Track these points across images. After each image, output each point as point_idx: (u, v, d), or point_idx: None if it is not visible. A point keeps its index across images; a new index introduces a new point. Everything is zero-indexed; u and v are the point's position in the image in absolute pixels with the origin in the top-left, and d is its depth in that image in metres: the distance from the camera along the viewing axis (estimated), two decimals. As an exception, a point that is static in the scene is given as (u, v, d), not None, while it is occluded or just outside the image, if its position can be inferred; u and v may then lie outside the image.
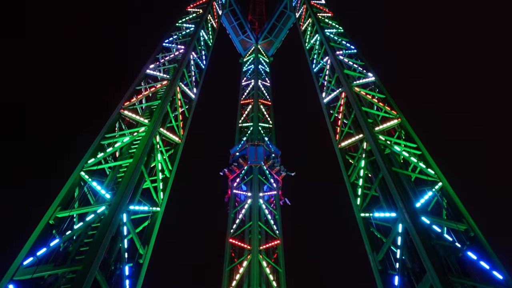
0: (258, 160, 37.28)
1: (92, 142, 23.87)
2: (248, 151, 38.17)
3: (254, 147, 38.49)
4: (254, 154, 37.73)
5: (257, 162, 37.20)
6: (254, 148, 38.41)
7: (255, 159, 37.37)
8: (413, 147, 25.00)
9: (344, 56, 34.41)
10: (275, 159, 38.41)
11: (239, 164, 37.68)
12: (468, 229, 19.77)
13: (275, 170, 37.75)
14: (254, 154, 37.73)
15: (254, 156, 37.63)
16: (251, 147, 38.55)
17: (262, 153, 37.97)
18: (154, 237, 21.97)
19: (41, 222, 18.89)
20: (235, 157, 38.66)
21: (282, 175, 38.18)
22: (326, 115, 32.55)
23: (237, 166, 37.68)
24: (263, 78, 55.06)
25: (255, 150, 38.12)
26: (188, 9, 43.45)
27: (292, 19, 57.85)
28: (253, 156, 37.61)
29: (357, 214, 24.02)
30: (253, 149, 38.29)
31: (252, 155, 37.75)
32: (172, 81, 29.59)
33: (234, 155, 39.13)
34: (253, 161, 37.24)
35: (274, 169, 37.64)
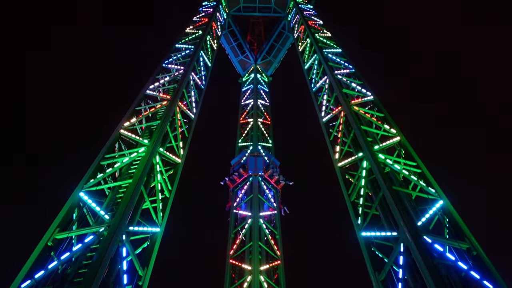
0: (257, 170, 38.78)
1: (92, 163, 23.85)
2: (248, 161, 39.68)
3: (254, 158, 39.95)
4: (254, 164, 39.25)
5: (256, 172, 38.67)
6: (254, 158, 39.86)
7: (255, 168, 38.89)
8: (413, 166, 24.97)
9: (342, 75, 34.65)
10: (274, 169, 39.84)
11: (239, 174, 39.10)
12: (470, 248, 19.63)
13: (274, 179, 39.37)
14: (254, 164, 39.25)
15: (254, 165, 39.13)
16: (251, 157, 39.99)
17: (261, 163, 39.51)
18: (153, 258, 21.69)
19: (39, 244, 18.75)
20: (236, 167, 40.11)
21: (281, 184, 39.81)
22: (326, 134, 32.59)
23: (237, 175, 39.14)
24: (262, 97, 55.45)
25: (255, 160, 39.58)
26: (187, 30, 43.96)
27: (291, 39, 58.55)
28: (253, 166, 39.10)
29: (358, 233, 23.83)
30: (253, 159, 39.72)
31: (252, 164, 39.23)
32: (172, 102, 29.71)
33: (234, 166, 40.62)
34: (253, 170, 38.75)
35: (273, 178, 39.26)
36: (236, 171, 39.48)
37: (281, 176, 39.86)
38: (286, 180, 39.93)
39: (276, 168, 40.41)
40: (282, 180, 39.72)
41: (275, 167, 40.37)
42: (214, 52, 46.81)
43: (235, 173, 39.42)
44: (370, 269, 21.75)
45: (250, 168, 39.04)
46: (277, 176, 39.61)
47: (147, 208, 23.95)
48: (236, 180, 39.21)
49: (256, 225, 34.49)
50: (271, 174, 39.34)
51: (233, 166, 40.85)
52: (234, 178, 39.33)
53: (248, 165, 39.35)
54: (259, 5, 58.72)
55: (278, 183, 39.66)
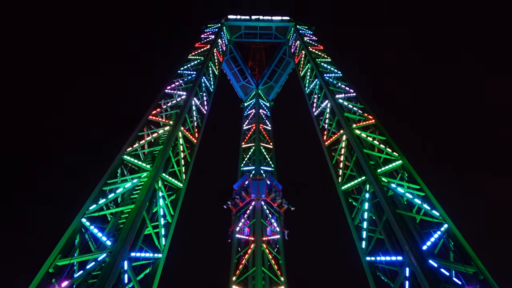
0: (260, 193, 38.94)
1: (94, 188, 23.80)
2: (251, 185, 39.60)
3: (256, 181, 39.96)
4: (257, 188, 39.31)
5: (259, 195, 38.82)
6: (257, 182, 39.88)
7: (257, 192, 39.02)
8: (416, 189, 24.83)
9: (343, 99, 34.88)
10: (276, 193, 39.83)
11: (242, 198, 39.24)
12: (477, 272, 19.31)
13: (277, 203, 39.41)
14: (257, 188, 39.31)
15: (256, 189, 39.21)
16: (253, 181, 39.96)
17: (264, 186, 39.54)
18: (156, 285, 21.41)
19: (40, 270, 18.54)
20: (238, 191, 39.99)
21: (284, 207, 39.75)
22: (328, 157, 32.57)
23: (240, 199, 39.26)
24: (264, 122, 55.72)
25: (257, 184, 39.61)
26: (190, 57, 44.53)
27: (292, 64, 59.21)
28: (255, 189, 39.18)
29: (362, 257, 23.54)
30: (255, 183, 39.72)
31: (255, 188, 39.27)
32: (174, 127, 29.84)
33: (237, 190, 40.51)
34: (255, 194, 38.87)
35: (275, 202, 39.32)
36: (239, 194, 39.48)
37: (283, 200, 39.80)
38: (288, 204, 39.80)
39: (278, 192, 40.34)
40: (284, 204, 39.65)
41: (277, 191, 40.32)
42: (216, 77, 47.32)
43: (237, 197, 39.41)
44: (375, 295, 21.47)
45: (252, 192, 39.00)
46: (279, 200, 39.60)
47: (150, 233, 23.75)
48: (239, 204, 39.28)
49: (259, 250, 34.11)
50: (273, 198, 39.35)
51: (235, 190, 40.72)
52: (236, 202, 39.38)
53: (250, 189, 39.24)
54: (260, 31, 59.62)
55: (281, 207, 39.65)
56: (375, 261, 22.79)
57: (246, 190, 39.53)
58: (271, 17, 58.46)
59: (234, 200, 39.44)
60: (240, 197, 39.24)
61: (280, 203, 39.52)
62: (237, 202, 39.30)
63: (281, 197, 39.91)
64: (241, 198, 39.20)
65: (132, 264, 20.65)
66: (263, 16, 58.60)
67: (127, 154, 27.20)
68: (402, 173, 26.82)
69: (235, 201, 39.40)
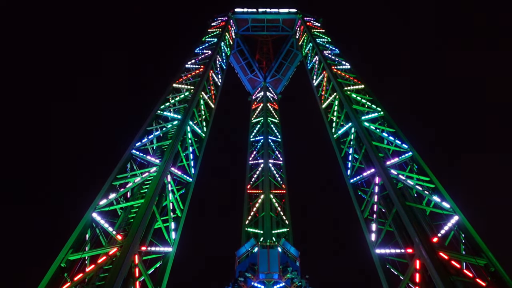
0: (272, 272, 28.40)
1: (104, 183, 23.96)
2: (259, 258, 29.25)
3: (266, 251, 29.62)
4: (267, 263, 28.82)
5: (270, 276, 28.39)
6: (267, 252, 29.52)
7: (267, 270, 28.50)
8: (426, 181, 24.67)
9: (352, 91, 34.66)
10: (293, 273, 28.78)
11: (246, 280, 28.77)
12: (488, 264, 19.21)
13: (294, 287, 28.79)
14: (267, 263, 28.82)
15: (266, 265, 28.68)
16: (263, 251, 29.71)
17: (277, 259, 29.04)
18: (166, 278, 21.60)
19: (53, 265, 18.77)
20: (242, 265, 30.07)
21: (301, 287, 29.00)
22: (337, 150, 32.47)
23: (244, 281, 28.81)
24: (272, 115, 55.58)
25: (267, 256, 29.17)
26: (197, 51, 44.46)
27: (299, 57, 58.87)
28: (265, 266, 28.66)
29: (372, 250, 23.51)
30: (265, 254, 29.37)
31: (264, 264, 28.80)
32: (183, 121, 29.89)
33: (241, 258, 31.34)
34: (265, 274, 28.42)
35: (292, 285, 28.74)
36: (242, 275, 28.85)
37: (303, 281, 28.76)
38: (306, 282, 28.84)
39: (296, 263, 30.61)
40: (303, 285, 28.73)
41: (294, 263, 30.30)
42: (223, 71, 47.24)
43: (240, 279, 28.76)
44: (385, 287, 21.42)
45: (261, 270, 28.41)
46: (298, 282, 28.67)
47: (159, 227, 23.90)
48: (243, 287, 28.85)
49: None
50: (289, 280, 28.61)
51: (238, 259, 31.32)
52: (240, 285, 28.78)
53: (258, 266, 28.77)
54: (267, 24, 59.35)
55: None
56: (385, 253, 22.74)
57: (253, 267, 29.09)
58: (278, 10, 58.13)
59: (237, 282, 28.81)
60: (244, 279, 28.63)
61: (300, 287, 28.64)
62: (241, 285, 28.71)
63: (300, 277, 28.99)
64: (246, 281, 28.62)
65: (143, 258, 20.82)
66: (270, 8, 58.30)
67: (136, 148, 27.33)
68: (412, 165, 26.66)
69: (238, 285, 28.79)
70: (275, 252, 29.46)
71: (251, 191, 43.16)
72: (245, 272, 28.89)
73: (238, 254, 31.60)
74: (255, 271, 28.81)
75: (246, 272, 28.89)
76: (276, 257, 29.09)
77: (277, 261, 28.89)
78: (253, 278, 28.56)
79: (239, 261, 30.98)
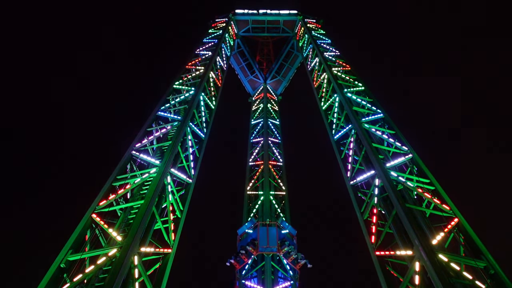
0: (270, 246, 31.47)
1: (104, 184, 23.96)
2: (259, 234, 32.19)
3: (265, 228, 32.59)
4: (266, 238, 31.83)
5: (269, 250, 31.53)
6: (266, 229, 32.49)
7: (266, 244, 31.52)
8: (426, 183, 24.67)
9: (352, 93, 34.67)
10: (290, 246, 32.10)
11: (247, 252, 32.03)
12: (487, 267, 19.20)
13: (291, 259, 32.21)
14: (266, 238, 31.83)
15: (265, 240, 31.72)
16: (262, 228, 32.64)
17: (275, 235, 32.09)
18: (165, 280, 21.56)
19: (52, 265, 18.76)
20: (243, 240, 33.16)
21: (300, 263, 32.30)
22: (337, 152, 32.46)
23: (245, 254, 32.08)
24: (272, 116, 55.61)
25: (266, 232, 32.20)
26: (198, 52, 44.50)
27: (300, 58, 58.94)
28: (264, 241, 31.69)
29: (371, 252, 23.49)
30: (265, 231, 32.31)
31: (264, 239, 31.81)
32: (183, 122, 29.90)
33: (242, 236, 34.05)
34: (264, 248, 31.51)
35: (289, 258, 32.20)
36: (244, 248, 32.10)
37: (299, 254, 32.06)
38: (306, 259, 32.19)
39: (293, 241, 33.21)
40: (301, 260, 32.03)
41: (291, 243, 32.70)
42: (224, 72, 47.27)
43: (242, 251, 32.05)
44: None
45: (261, 244, 31.52)
46: (294, 255, 32.01)
47: (159, 228, 23.90)
48: (244, 260, 32.31)
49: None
50: (287, 252, 32.00)
51: (240, 237, 34.17)
52: (241, 257, 32.12)
53: (258, 240, 31.74)
54: (267, 25, 59.37)
55: (296, 263, 32.30)
56: (385, 255, 22.74)
57: (254, 242, 32.01)
58: (279, 11, 58.12)
59: (239, 255, 32.05)
60: (245, 252, 31.92)
61: (295, 259, 32.06)
62: (242, 258, 32.05)
63: (297, 251, 32.34)
64: (247, 254, 32.00)
65: (142, 259, 20.82)
66: (271, 10, 58.32)
67: (136, 149, 27.35)
68: (412, 167, 26.67)
69: (239, 257, 32.08)
70: (274, 229, 32.48)
71: (251, 193, 43.14)
72: (246, 246, 31.95)
73: (239, 232, 34.20)
74: (255, 245, 31.76)
75: (247, 245, 31.96)
76: (275, 234, 32.12)
77: (275, 237, 31.89)
78: (254, 251, 31.78)
79: (241, 239, 33.74)
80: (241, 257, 32.01)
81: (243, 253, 31.96)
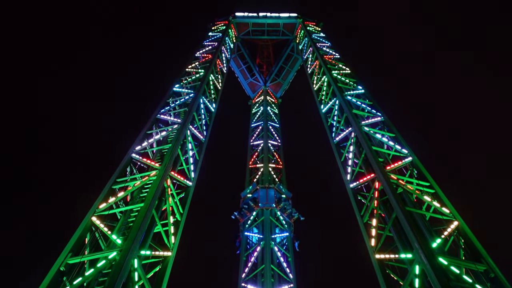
0: (269, 203, 37.46)
1: (104, 187, 23.96)
2: (259, 194, 38.17)
3: (265, 190, 38.52)
4: (265, 197, 37.80)
5: (268, 205, 37.36)
6: (265, 190, 38.44)
7: (266, 202, 37.50)
8: (426, 186, 24.67)
9: (352, 96, 34.71)
10: (286, 202, 38.07)
11: (250, 207, 37.74)
12: (488, 270, 19.17)
13: (287, 213, 37.74)
14: (265, 197, 37.80)
15: (265, 198, 37.72)
16: (262, 190, 38.53)
17: (273, 195, 37.95)
18: (165, 283, 21.55)
19: (52, 269, 18.73)
20: (246, 200, 38.36)
21: (294, 217, 38.10)
22: (337, 155, 32.45)
23: (248, 209, 37.77)
24: (272, 119, 55.67)
25: (266, 193, 38.11)
26: (197, 55, 44.56)
27: (300, 61, 58.96)
28: (264, 199, 37.70)
29: (371, 255, 23.45)
30: (264, 192, 38.28)
31: (263, 198, 37.80)
32: (183, 125, 29.92)
33: (245, 198, 38.98)
34: (264, 204, 37.35)
35: (285, 212, 37.69)
36: (246, 204, 37.92)
37: (293, 209, 38.25)
38: (298, 214, 38.27)
39: (288, 201, 38.71)
40: (294, 214, 38.12)
41: (287, 200, 38.61)
42: (224, 75, 47.31)
43: (245, 206, 37.93)
44: (385, 292, 21.39)
45: (261, 201, 37.61)
46: (289, 209, 38.01)
47: (159, 231, 23.89)
48: (247, 214, 37.88)
49: (268, 248, 33.96)
50: (283, 208, 37.76)
51: (243, 199, 39.33)
52: (244, 212, 37.98)
53: (259, 198, 37.93)
54: (267, 28, 59.46)
55: (291, 217, 38.01)
56: (385, 258, 22.70)
57: (255, 199, 38.02)
58: (279, 14, 58.22)
59: (242, 210, 38.06)
60: (248, 207, 37.82)
61: (290, 213, 37.98)
62: (245, 212, 37.91)
63: (291, 207, 38.34)
64: (249, 208, 37.81)
65: (142, 262, 20.80)
66: (271, 13, 58.41)
67: (136, 152, 27.35)
68: (412, 170, 26.69)
69: (243, 211, 38.02)
70: (272, 191, 38.58)
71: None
72: (248, 201, 37.97)
73: (242, 195, 39.91)
74: (256, 202, 37.76)
75: (249, 201, 37.96)
76: (273, 194, 38.35)
77: (273, 196, 38.08)
78: (255, 206, 37.62)
79: (243, 200, 39.15)
80: (244, 212, 37.74)
81: (246, 208, 37.78)
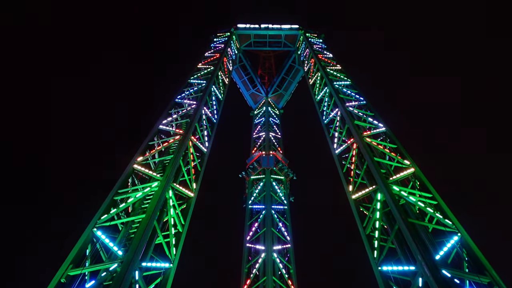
0: (269, 165, 47.62)
1: (105, 198, 23.89)
2: (262, 159, 48.41)
3: (266, 157, 48.74)
4: (267, 161, 48.08)
5: (268, 166, 47.53)
6: (267, 157, 48.66)
7: (267, 164, 47.73)
8: (428, 197, 24.54)
9: (353, 107, 34.72)
10: (283, 165, 48.28)
11: (254, 168, 47.67)
12: (491, 282, 18.99)
13: (284, 173, 47.54)
14: (267, 161, 48.08)
15: (266, 162, 47.97)
16: (264, 157, 48.73)
17: (273, 160, 48.33)
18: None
19: (52, 280, 18.64)
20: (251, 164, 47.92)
21: (290, 176, 48.13)
22: (339, 166, 32.37)
23: (252, 169, 47.62)
24: (274, 130, 55.76)
25: (267, 158, 48.43)
26: (200, 66, 44.77)
27: (301, 72, 59.21)
28: (265, 162, 47.94)
29: (374, 267, 23.25)
30: (266, 158, 48.58)
31: (265, 161, 48.08)
32: (185, 136, 29.94)
33: (249, 164, 48.39)
34: (265, 166, 47.57)
35: (282, 172, 47.50)
36: (252, 164, 47.60)
37: (289, 169, 48.07)
38: (292, 173, 48.00)
39: (285, 164, 48.37)
40: (289, 173, 47.88)
41: (284, 164, 48.27)
42: (225, 86, 47.50)
43: (250, 167, 47.48)
44: (388, 305, 21.19)
45: (263, 164, 47.51)
46: (286, 169, 47.84)
47: (160, 243, 23.76)
48: (252, 173, 47.42)
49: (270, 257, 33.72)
50: (280, 168, 47.70)
51: (248, 164, 48.54)
52: (250, 172, 47.48)
53: (261, 162, 47.72)
54: (269, 40, 59.80)
55: (287, 176, 47.78)
56: (388, 271, 22.49)
57: (258, 162, 47.90)
58: (280, 26, 58.65)
59: (248, 170, 47.52)
60: (253, 168, 47.43)
61: (286, 173, 47.51)
62: (250, 172, 47.42)
63: (287, 168, 47.93)
64: (254, 169, 47.43)
65: (143, 273, 20.67)
66: (272, 24, 58.80)
67: (137, 163, 27.34)
68: (414, 181, 26.54)
69: (248, 171, 47.46)
70: (272, 156, 48.76)
71: (252, 207, 43.34)
72: (253, 162, 47.92)
73: (248, 161, 49.28)
74: (259, 163, 47.81)
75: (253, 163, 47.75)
76: (273, 159, 48.56)
77: (273, 160, 48.33)
78: (258, 167, 47.55)
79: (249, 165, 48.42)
80: (250, 171, 47.70)
81: (251, 168, 47.77)
